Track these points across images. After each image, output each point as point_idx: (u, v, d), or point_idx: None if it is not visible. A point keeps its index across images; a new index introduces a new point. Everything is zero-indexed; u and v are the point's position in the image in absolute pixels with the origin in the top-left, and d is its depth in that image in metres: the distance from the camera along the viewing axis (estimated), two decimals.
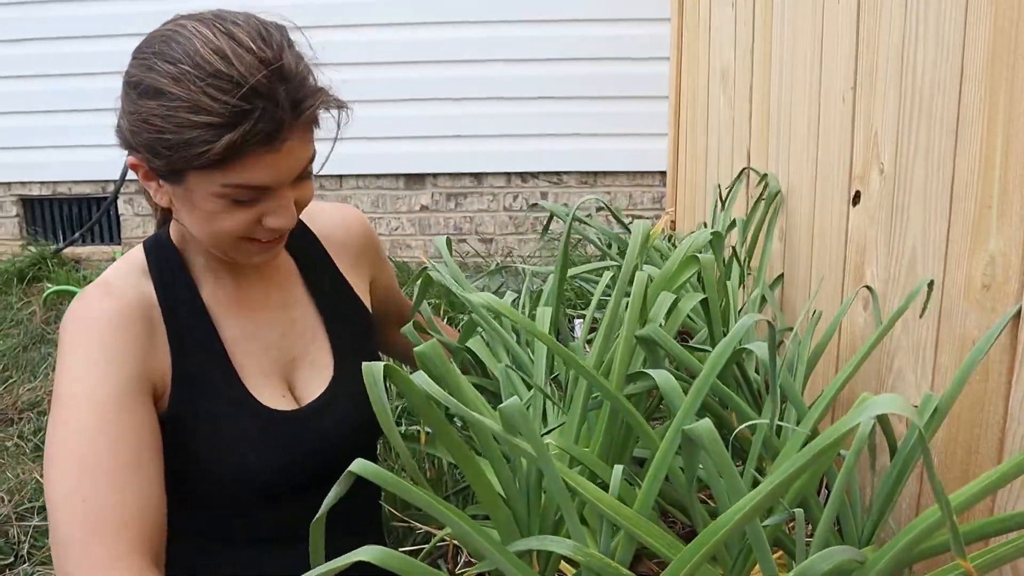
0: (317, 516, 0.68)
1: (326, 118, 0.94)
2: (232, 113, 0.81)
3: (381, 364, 0.66)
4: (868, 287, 1.22)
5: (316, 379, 1.06)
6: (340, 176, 3.79)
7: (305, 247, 1.13)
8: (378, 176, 3.79)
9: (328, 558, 1.04)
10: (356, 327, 1.14)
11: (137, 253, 1.02)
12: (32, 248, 3.91)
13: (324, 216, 1.17)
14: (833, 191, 1.38)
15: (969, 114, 0.94)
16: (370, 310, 1.19)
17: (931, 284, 0.98)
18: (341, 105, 0.92)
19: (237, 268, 1.04)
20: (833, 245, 1.38)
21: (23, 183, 3.97)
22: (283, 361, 1.05)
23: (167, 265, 1.00)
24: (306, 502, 1.00)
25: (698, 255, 1.03)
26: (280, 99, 0.84)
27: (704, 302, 1.10)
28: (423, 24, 3.60)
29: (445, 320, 2.73)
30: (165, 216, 1.04)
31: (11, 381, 2.60)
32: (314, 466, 1.02)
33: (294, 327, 1.07)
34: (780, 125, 1.69)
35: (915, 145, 1.08)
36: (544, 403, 1.05)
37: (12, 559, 1.69)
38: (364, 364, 0.67)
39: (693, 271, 1.09)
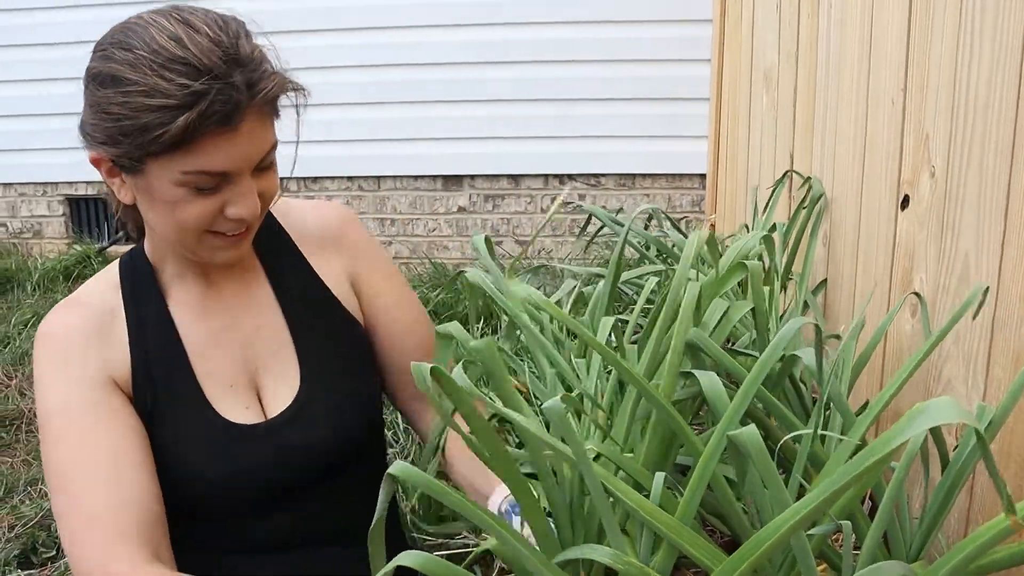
0: (375, 521, 0.66)
1: (288, 120, 0.93)
2: (187, 95, 0.82)
3: (427, 366, 0.64)
4: (917, 294, 1.19)
5: (282, 390, 1.02)
6: (378, 177, 3.81)
7: (276, 248, 1.08)
8: (416, 177, 3.81)
9: (340, 568, 1.03)
10: (329, 334, 1.07)
11: (112, 269, 1.03)
12: (77, 246, 3.99)
13: (298, 212, 1.11)
14: (881, 195, 1.35)
15: None
16: (355, 313, 1.10)
17: (987, 291, 0.95)
18: (296, 88, 0.91)
19: (205, 273, 1.02)
20: (880, 250, 1.35)
21: (70, 183, 4.05)
22: (248, 370, 1.02)
23: (139, 278, 1.01)
24: (273, 516, 1.01)
25: (747, 263, 1.00)
26: (236, 81, 0.84)
27: (752, 310, 1.07)
28: (464, 26, 3.61)
29: (480, 322, 2.72)
30: (137, 227, 1.04)
31: None
32: (279, 479, 0.99)
33: (259, 334, 1.03)
34: (825, 127, 1.66)
35: (969, 148, 1.05)
36: (592, 411, 1.03)
37: (54, 552, 1.71)
38: (412, 364, 0.66)
39: (739, 277, 1.07)
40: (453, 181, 3.80)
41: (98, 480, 0.89)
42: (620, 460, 0.80)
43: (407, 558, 0.64)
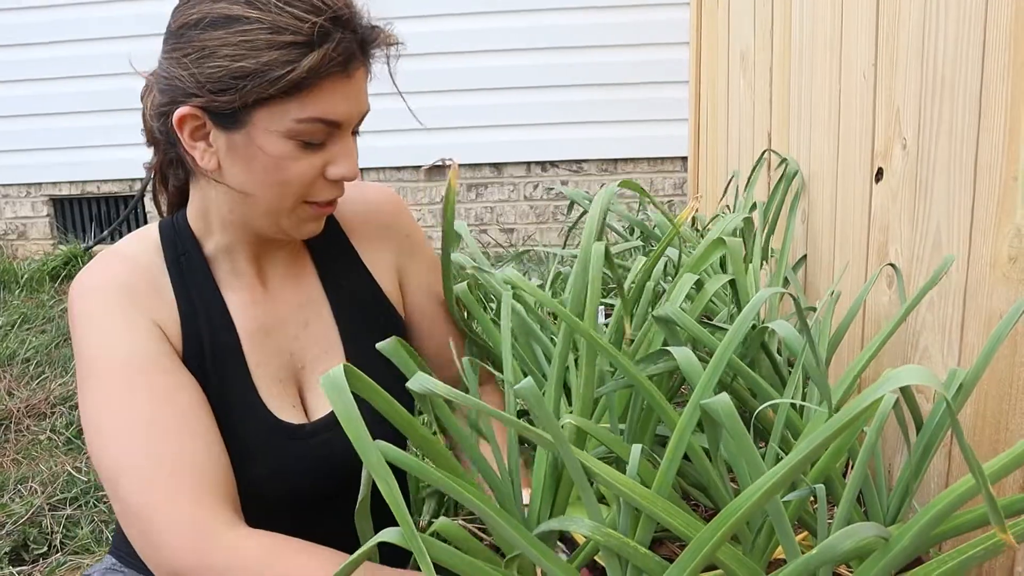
0: (360, 500, 0.67)
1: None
2: (317, 33, 0.79)
3: (340, 370, 0.61)
4: (892, 265, 1.20)
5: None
6: (361, 168, 3.81)
7: (325, 242, 1.02)
8: (399, 168, 3.80)
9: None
10: (375, 332, 1.01)
11: (150, 230, 0.95)
12: (63, 247, 3.97)
13: (348, 197, 1.03)
14: (855, 169, 1.36)
15: (992, 86, 0.92)
16: (398, 307, 1.07)
17: (952, 259, 0.97)
18: (397, 42, 0.89)
19: (256, 258, 0.96)
20: (856, 224, 1.37)
21: (53, 183, 4.03)
22: (294, 367, 0.97)
23: (183, 248, 0.93)
24: (303, 519, 0.95)
25: (725, 239, 1.01)
26: (355, 27, 0.83)
27: (732, 284, 1.08)
28: (441, 16, 3.60)
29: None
30: (173, 200, 0.97)
31: (43, 377, 2.65)
32: (319, 483, 0.95)
33: (307, 331, 0.98)
34: (801, 105, 1.67)
35: (938, 120, 1.06)
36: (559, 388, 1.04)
37: (46, 548, 1.72)
38: (323, 375, 0.61)
39: (719, 254, 1.07)
40: (436, 171, 3.80)
41: (182, 434, 0.81)
42: (599, 433, 0.81)
43: (389, 535, 0.65)
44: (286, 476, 0.92)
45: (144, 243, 0.93)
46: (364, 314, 1.02)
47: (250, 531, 0.79)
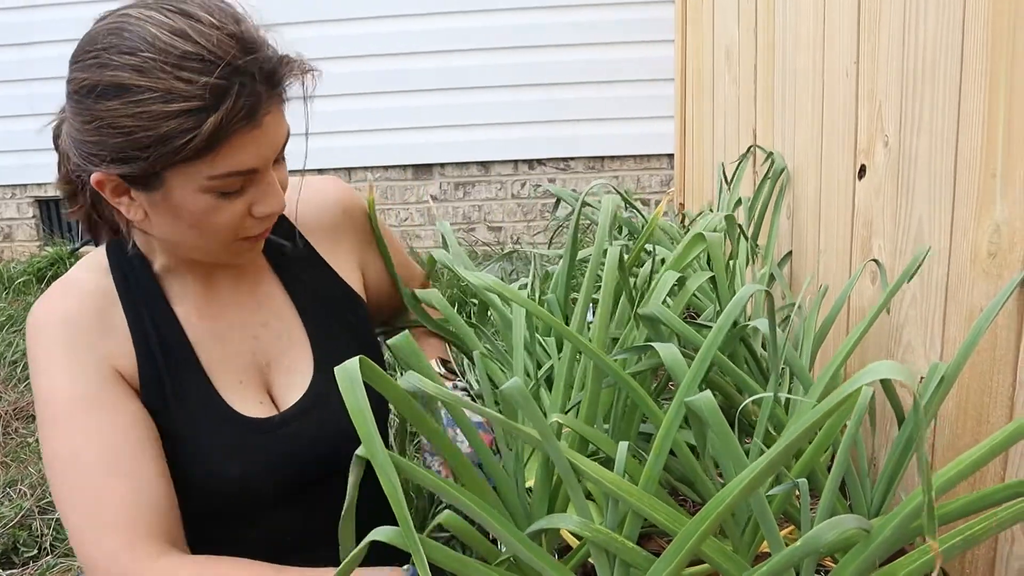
0: (346, 506, 0.67)
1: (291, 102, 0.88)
2: (212, 93, 0.75)
3: (356, 362, 0.61)
4: (875, 260, 1.21)
5: (294, 384, 0.99)
6: (349, 168, 3.80)
7: (277, 236, 1.02)
8: (386, 168, 3.80)
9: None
10: (340, 321, 1.04)
11: (99, 255, 0.96)
12: (49, 248, 3.95)
13: (293, 192, 1.04)
14: (839, 166, 1.37)
15: (971, 82, 0.94)
16: (362, 294, 1.09)
17: (927, 251, 0.98)
18: (308, 69, 0.85)
19: (206, 269, 0.97)
20: (840, 220, 1.38)
21: (39, 185, 4.01)
22: (257, 366, 0.98)
23: (131, 269, 0.94)
24: (293, 512, 0.97)
25: (705, 234, 1.02)
26: (255, 72, 0.78)
27: (713, 281, 1.09)
28: (430, 15, 3.60)
29: (455, 308, 2.73)
30: (111, 229, 0.97)
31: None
32: (296, 472, 0.96)
33: (268, 329, 1.00)
34: (785, 102, 1.68)
35: (919, 117, 1.07)
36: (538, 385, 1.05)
37: (36, 551, 1.72)
38: (337, 367, 0.61)
39: (700, 250, 1.08)
40: (423, 170, 3.80)
41: (109, 473, 0.85)
42: (586, 431, 0.82)
43: (379, 533, 0.66)
44: (260, 471, 0.94)
45: (94, 270, 0.94)
46: (328, 308, 1.03)
47: (176, 559, 0.83)
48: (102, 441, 0.86)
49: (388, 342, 0.86)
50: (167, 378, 0.92)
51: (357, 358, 0.61)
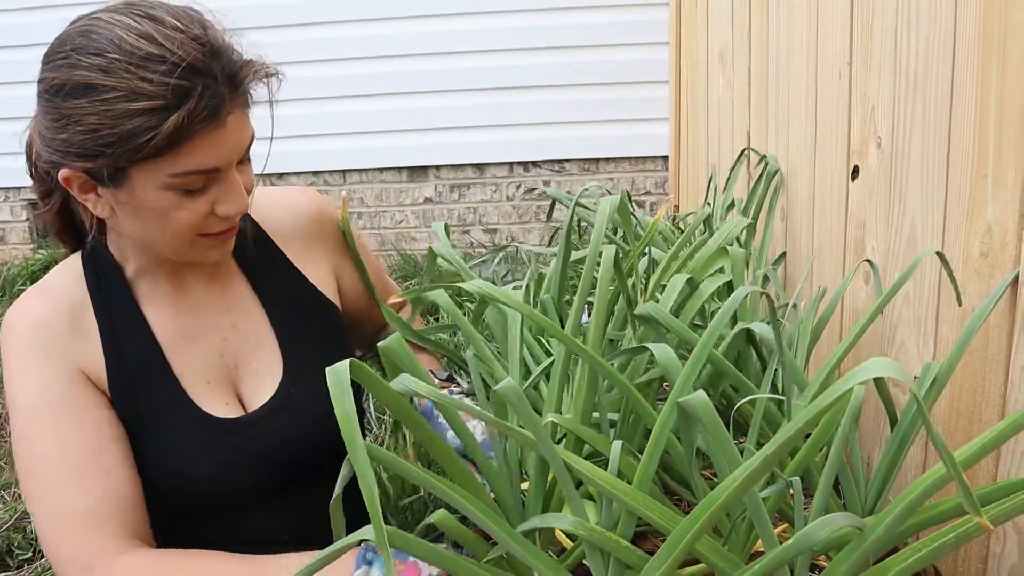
0: (334, 498, 0.68)
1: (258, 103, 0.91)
2: (174, 93, 0.78)
3: (346, 364, 0.61)
4: (869, 261, 1.22)
5: (263, 385, 1.01)
6: (344, 171, 3.81)
7: (250, 246, 1.05)
8: (381, 170, 3.80)
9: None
10: (313, 326, 1.07)
11: (74, 261, 0.99)
12: (43, 251, 3.94)
13: (269, 201, 1.09)
14: (832, 167, 1.38)
15: (963, 84, 0.94)
16: (336, 302, 1.12)
17: (941, 255, 0.99)
18: (272, 73, 0.88)
19: (176, 271, 0.99)
20: (833, 221, 1.38)
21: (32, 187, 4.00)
22: (226, 367, 1.01)
23: (103, 273, 0.97)
24: (266, 512, 1.00)
25: (728, 248, 1.02)
26: (217, 73, 0.81)
27: (728, 286, 1.10)
28: (425, 17, 3.61)
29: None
30: (100, 225, 0.99)
31: None
32: (265, 472, 0.98)
33: (236, 331, 1.02)
34: (779, 104, 1.69)
35: (911, 118, 1.08)
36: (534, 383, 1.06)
37: (31, 554, 1.71)
38: (329, 368, 0.61)
39: (722, 263, 1.09)
40: (418, 172, 3.80)
41: (75, 476, 0.88)
42: (581, 431, 0.82)
43: (367, 532, 0.66)
44: (229, 470, 0.96)
45: (68, 276, 0.97)
46: (298, 310, 1.06)
47: (140, 553, 0.87)
48: (69, 443, 0.89)
49: (379, 345, 0.86)
50: (137, 381, 0.95)
51: (347, 361, 0.62)
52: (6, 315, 0.93)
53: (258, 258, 1.06)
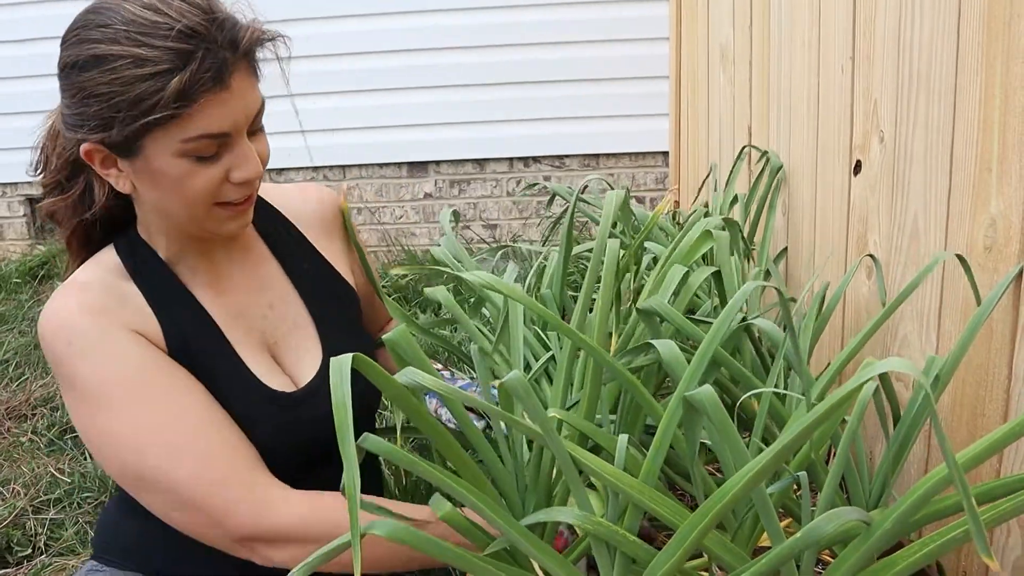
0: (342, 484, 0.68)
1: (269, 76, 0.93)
2: (175, 57, 0.82)
3: (348, 358, 0.63)
4: (871, 256, 1.22)
5: (304, 363, 1.04)
6: (343, 166, 3.80)
7: (277, 231, 1.10)
8: (381, 165, 3.79)
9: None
10: (342, 306, 1.11)
11: (107, 254, 1.00)
12: (41, 247, 3.93)
13: (291, 197, 1.14)
14: (834, 162, 1.38)
15: (967, 77, 0.94)
16: (354, 286, 1.15)
17: (961, 258, 0.99)
18: (274, 36, 0.92)
19: (209, 253, 1.01)
20: (835, 216, 1.38)
21: (30, 183, 3.99)
22: (267, 344, 1.04)
23: (141, 260, 0.99)
24: (304, 481, 0.99)
25: (712, 231, 1.02)
26: (219, 38, 0.84)
27: (716, 276, 1.09)
28: (424, 12, 3.60)
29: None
30: (104, 224, 1.01)
31: (24, 378, 2.62)
32: (314, 445, 1.01)
33: (273, 311, 1.05)
34: (780, 100, 1.68)
35: (914, 113, 1.08)
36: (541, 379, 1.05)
37: (30, 551, 1.70)
38: (332, 359, 0.64)
39: (707, 247, 1.08)
40: (418, 167, 3.79)
41: (210, 424, 0.91)
42: (584, 426, 0.82)
43: (376, 527, 0.66)
44: (285, 442, 0.99)
45: (101, 267, 0.98)
46: (327, 290, 1.10)
47: (293, 491, 0.92)
48: (185, 399, 0.91)
49: (384, 337, 0.86)
50: (197, 353, 0.96)
51: (350, 355, 0.64)
52: (44, 317, 0.92)
53: (286, 242, 1.09)
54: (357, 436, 0.73)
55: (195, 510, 0.89)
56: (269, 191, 1.12)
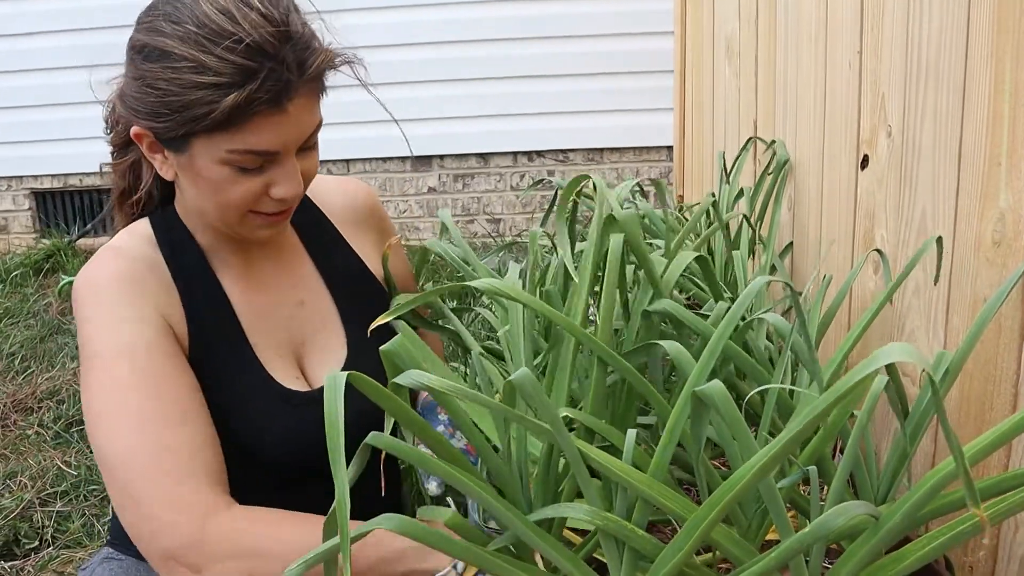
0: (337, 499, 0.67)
1: (337, 95, 0.93)
2: (237, 72, 0.80)
3: (343, 375, 0.62)
4: (878, 251, 1.22)
5: (328, 363, 1.03)
6: (347, 160, 3.80)
7: (312, 224, 1.08)
8: (385, 159, 3.79)
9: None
10: (372, 306, 1.08)
11: (143, 224, 0.99)
12: (46, 240, 3.94)
13: (327, 189, 1.12)
14: (841, 156, 1.37)
15: (976, 71, 0.94)
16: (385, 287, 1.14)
17: (940, 240, 0.98)
18: (350, 60, 0.91)
19: (243, 246, 1.01)
20: (842, 210, 1.38)
21: (35, 176, 3.99)
22: (293, 343, 1.03)
23: (176, 236, 0.98)
24: (311, 488, 0.98)
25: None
26: (287, 58, 0.82)
27: (700, 261, 1.08)
28: (424, 6, 3.59)
29: (454, 303, 2.73)
30: (163, 194, 1.01)
31: (30, 371, 2.63)
32: (319, 450, 0.94)
33: (303, 309, 1.04)
34: (787, 93, 1.68)
35: (923, 106, 1.07)
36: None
37: (37, 543, 1.71)
38: (328, 375, 0.62)
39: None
40: (422, 162, 3.80)
41: (169, 422, 0.86)
42: (592, 423, 0.82)
43: (384, 522, 0.66)
44: (295, 440, 0.97)
45: (138, 238, 0.98)
46: (358, 288, 1.09)
47: (236, 507, 0.84)
48: (169, 388, 0.88)
49: (382, 349, 0.83)
50: (215, 345, 0.95)
51: (345, 373, 0.63)
52: (80, 277, 0.92)
53: (319, 236, 1.08)
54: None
55: (131, 509, 0.83)
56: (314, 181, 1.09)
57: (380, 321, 0.88)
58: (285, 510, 0.86)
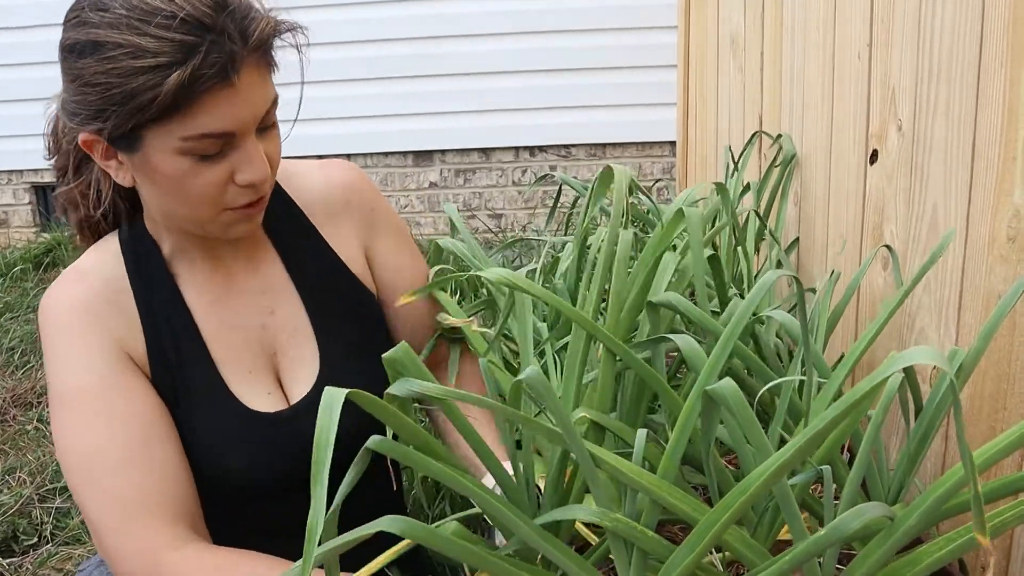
0: (334, 505, 0.66)
1: (286, 65, 0.86)
2: (177, 49, 0.74)
3: (342, 392, 0.58)
4: (888, 247, 1.20)
5: (301, 375, 0.98)
6: (348, 155, 3.78)
7: (285, 223, 1.01)
8: (386, 154, 3.78)
9: (357, 550, 1.02)
10: (346, 311, 1.02)
11: (111, 241, 0.95)
12: (46, 235, 3.92)
13: (303, 175, 1.04)
14: (849, 151, 1.36)
15: (991, 64, 0.92)
16: (367, 284, 1.06)
17: (952, 235, 0.97)
18: (294, 27, 0.84)
19: (212, 254, 0.96)
20: (850, 205, 1.37)
21: (35, 170, 3.98)
22: (266, 354, 0.98)
23: (142, 255, 0.94)
24: (296, 502, 0.97)
25: (684, 208, 0.97)
26: (227, 28, 0.77)
27: (713, 261, 1.07)
28: (428, 0, 3.57)
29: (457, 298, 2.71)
30: (116, 211, 0.96)
31: (29, 366, 2.62)
32: (299, 469, 0.93)
33: (274, 317, 0.98)
34: (793, 87, 1.66)
35: (935, 101, 1.06)
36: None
37: (36, 539, 1.70)
38: (326, 390, 0.58)
39: (681, 227, 1.03)
40: (423, 157, 3.78)
41: (131, 464, 0.84)
42: (607, 422, 0.80)
43: (386, 523, 0.64)
44: (266, 465, 0.93)
45: (105, 255, 0.94)
46: (332, 293, 1.01)
47: (196, 548, 0.83)
48: (119, 428, 0.86)
49: (384, 356, 0.79)
50: (176, 368, 0.92)
51: (345, 391, 0.59)
52: (42, 302, 0.90)
53: (290, 233, 1.01)
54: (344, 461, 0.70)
55: (96, 539, 0.85)
56: (285, 167, 1.03)
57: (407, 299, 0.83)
58: (244, 551, 0.85)
